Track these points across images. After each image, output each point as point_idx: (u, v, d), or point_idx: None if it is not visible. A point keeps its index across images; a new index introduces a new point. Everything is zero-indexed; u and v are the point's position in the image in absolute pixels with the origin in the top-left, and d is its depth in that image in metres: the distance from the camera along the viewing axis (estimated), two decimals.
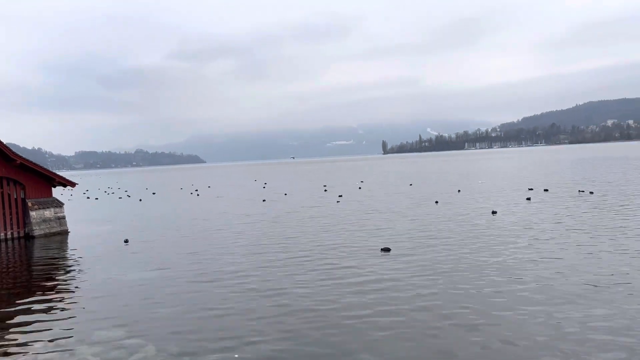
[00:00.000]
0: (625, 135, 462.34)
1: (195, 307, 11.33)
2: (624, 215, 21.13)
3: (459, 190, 37.84)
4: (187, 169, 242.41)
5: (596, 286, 11.22)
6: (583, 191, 31.94)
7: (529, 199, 29.54)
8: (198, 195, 50.18)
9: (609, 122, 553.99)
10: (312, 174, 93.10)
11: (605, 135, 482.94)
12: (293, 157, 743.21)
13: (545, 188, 34.87)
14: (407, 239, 18.38)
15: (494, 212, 24.22)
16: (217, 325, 10.10)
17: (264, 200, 38.54)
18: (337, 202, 34.36)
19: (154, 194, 57.06)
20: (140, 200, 47.78)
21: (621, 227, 18.50)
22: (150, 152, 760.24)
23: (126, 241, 21.39)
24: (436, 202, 30.57)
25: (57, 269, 16.87)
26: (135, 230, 25.14)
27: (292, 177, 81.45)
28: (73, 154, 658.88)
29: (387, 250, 16.50)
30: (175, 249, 19.13)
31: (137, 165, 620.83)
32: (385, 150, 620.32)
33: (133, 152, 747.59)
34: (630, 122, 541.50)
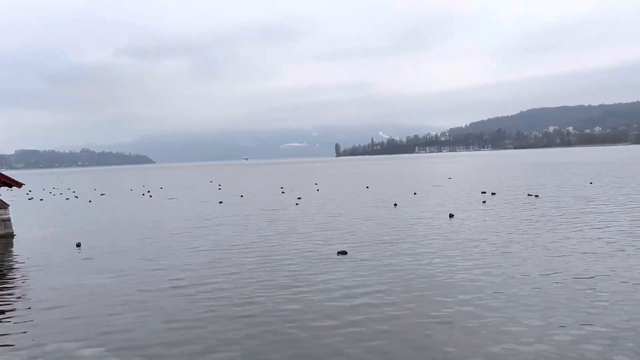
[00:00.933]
0: (566, 141, 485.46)
1: (154, 315, 10.90)
2: (567, 216, 22.02)
3: (414, 193, 38.45)
4: (137, 170, 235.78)
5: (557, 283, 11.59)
6: (531, 195, 33.32)
7: (484, 202, 30.37)
8: (151, 197, 48.78)
9: (551, 129, 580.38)
10: (268, 175, 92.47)
11: (547, 141, 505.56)
12: (246, 159, 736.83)
13: (493, 192, 35.87)
14: (367, 242, 18.45)
15: (451, 215, 24.70)
16: (177, 333, 9.73)
17: (220, 202, 37.87)
18: (297, 204, 34.20)
19: (102, 194, 55.03)
20: (90, 201, 45.94)
21: (566, 226, 19.27)
22: (97, 152, 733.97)
23: (78, 245, 20.44)
24: (395, 204, 30.92)
25: (2, 275, 15.87)
26: (87, 234, 24.07)
27: (247, 179, 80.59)
28: (13, 152, 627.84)
29: (343, 253, 16.44)
30: (131, 253, 18.42)
31: (83, 165, 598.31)
32: (339, 153, 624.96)
33: (78, 151, 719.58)
34: (570, 128, 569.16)
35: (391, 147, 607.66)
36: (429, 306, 10.72)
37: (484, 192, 36.26)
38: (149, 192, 55.31)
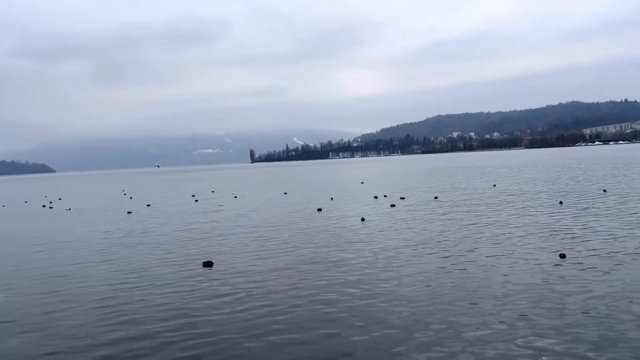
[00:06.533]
0: (468, 146, 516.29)
1: (52, 334, 10.33)
2: (474, 217, 23.64)
3: (331, 198, 39.22)
4: (34, 180, 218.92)
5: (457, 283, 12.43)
6: (437, 197, 35.30)
7: (393, 205, 31.66)
8: (51, 207, 45.63)
9: (455, 134, 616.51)
10: (180, 183, 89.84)
11: (452, 146, 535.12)
12: (158, 166, 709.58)
13: (402, 196, 37.41)
14: (290, 249, 18.61)
15: (362, 219, 25.52)
16: (78, 355, 9.32)
17: (129, 213, 36.30)
18: (217, 211, 33.59)
19: None
20: None
21: (472, 225, 20.70)
22: None
23: None
24: (319, 209, 31.30)
25: None
26: None
27: (158, 187, 77.73)
28: None
29: (209, 264, 15.98)
30: (25, 265, 17.20)
31: None
32: (253, 159, 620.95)
33: None
34: (472, 134, 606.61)
35: (306, 153, 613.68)
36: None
37: (386, 196, 37.97)
38: (50, 203, 51.66)
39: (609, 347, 8.30)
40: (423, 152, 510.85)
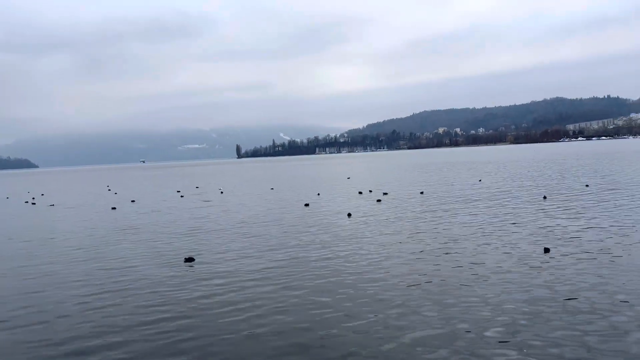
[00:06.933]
0: (454, 141, 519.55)
1: (32, 333, 10.18)
2: (459, 211, 23.82)
3: (318, 194, 39.22)
4: (16, 175, 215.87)
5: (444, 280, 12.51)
6: (422, 192, 35.54)
7: (379, 200, 31.74)
8: (34, 204, 44.99)
9: (440, 130, 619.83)
10: (166, 178, 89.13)
11: (438, 142, 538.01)
12: (143, 161, 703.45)
13: (385, 192, 37.41)
14: (275, 244, 18.57)
15: (349, 215, 25.55)
16: (57, 354, 9.21)
17: (113, 209, 35.92)
18: (202, 207, 33.35)
19: None
20: None
21: (454, 222, 20.85)
22: None
23: None
24: (306, 204, 31.30)
25: None
26: None
27: (144, 183, 77.04)
28: None
29: (190, 259, 16.02)
30: (6, 262, 16.93)
31: None
32: (240, 155, 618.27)
33: None
34: (458, 129, 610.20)
35: (292, 149, 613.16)
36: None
37: (371, 191, 38.11)
38: (33, 199, 50.93)
39: (591, 339, 8.40)
40: (409, 148, 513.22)
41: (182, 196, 44.32)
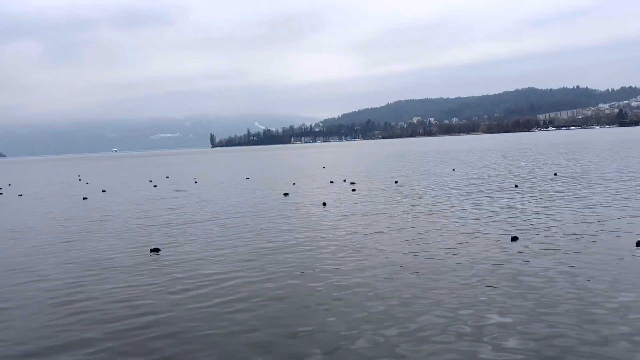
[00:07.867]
0: (428, 131, 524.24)
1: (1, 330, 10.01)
2: (432, 200, 24.14)
3: (294, 183, 39.18)
4: None
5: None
6: (397, 181, 35.94)
7: (354, 190, 31.92)
8: (1, 194, 43.80)
9: (414, 119, 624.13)
10: (138, 168, 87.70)
11: (412, 131, 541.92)
12: (115, 150, 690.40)
13: (358, 180, 37.66)
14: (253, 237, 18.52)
15: (324, 204, 25.64)
16: (28, 348, 9.07)
17: (85, 199, 35.24)
18: (177, 197, 32.98)
19: None
20: None
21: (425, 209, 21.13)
22: None
23: None
24: (285, 194, 31.25)
25: None
26: None
27: (116, 172, 75.67)
28: None
29: (156, 250, 15.94)
30: None
31: None
32: (214, 144, 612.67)
33: None
34: (432, 119, 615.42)
35: (268, 138, 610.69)
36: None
37: (351, 183, 38.23)
38: (0, 189, 49.55)
39: (559, 329, 8.66)
40: (384, 137, 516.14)
41: (155, 186, 43.73)
